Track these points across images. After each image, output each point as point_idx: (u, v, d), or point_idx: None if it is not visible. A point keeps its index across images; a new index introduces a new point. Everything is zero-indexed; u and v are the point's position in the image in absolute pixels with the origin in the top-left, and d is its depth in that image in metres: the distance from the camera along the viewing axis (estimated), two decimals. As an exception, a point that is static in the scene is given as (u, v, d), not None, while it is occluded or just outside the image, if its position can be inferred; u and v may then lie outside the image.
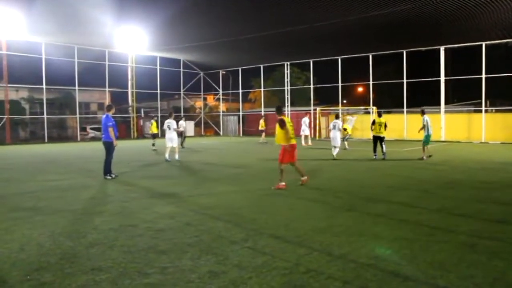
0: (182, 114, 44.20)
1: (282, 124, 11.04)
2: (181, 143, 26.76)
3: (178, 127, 23.76)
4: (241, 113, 47.33)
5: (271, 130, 44.30)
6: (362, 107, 40.32)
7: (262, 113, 44.62)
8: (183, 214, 8.23)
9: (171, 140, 18.90)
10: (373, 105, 35.78)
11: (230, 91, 51.58)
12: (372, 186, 11.42)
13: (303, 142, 28.51)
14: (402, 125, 34.78)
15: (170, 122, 19.24)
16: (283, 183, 11.12)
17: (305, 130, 29.24)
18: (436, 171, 14.71)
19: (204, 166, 16.80)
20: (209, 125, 50.02)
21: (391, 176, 13.37)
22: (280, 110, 11.34)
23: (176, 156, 18.88)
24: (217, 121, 49.76)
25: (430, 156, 18.71)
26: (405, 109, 35.03)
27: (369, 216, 7.95)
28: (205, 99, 53.45)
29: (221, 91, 49.25)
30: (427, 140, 18.58)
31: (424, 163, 17.21)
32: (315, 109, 40.24)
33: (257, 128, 32.62)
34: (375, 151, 18.40)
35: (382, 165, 16.30)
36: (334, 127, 19.29)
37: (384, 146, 18.45)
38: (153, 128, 26.71)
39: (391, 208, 8.67)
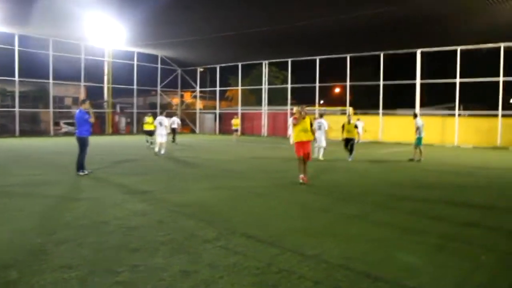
0: (177, 111, 43.92)
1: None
2: (173, 139, 27.88)
3: (170, 124, 25.25)
4: (218, 111, 47.21)
5: (249, 128, 44.42)
6: (338, 108, 40.64)
7: (239, 111, 44.61)
8: (156, 212, 8.16)
9: (162, 136, 20.07)
10: (350, 106, 36.10)
11: (207, 89, 51.37)
12: (349, 187, 11.58)
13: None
14: (378, 127, 35.19)
15: (162, 119, 20.48)
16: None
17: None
18: (409, 173, 14.94)
19: (181, 163, 16.86)
20: (185, 122, 49.69)
21: (366, 178, 13.55)
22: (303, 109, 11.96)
23: (162, 151, 20.01)
24: (194, 119, 49.53)
25: (412, 159, 18.96)
26: (380, 111, 35.46)
27: (344, 217, 8.02)
28: (182, 96, 53.12)
29: (198, 88, 49.04)
30: (419, 142, 19.06)
31: (401, 165, 17.47)
32: (291, 109, 40.36)
33: (230, 128, 32.66)
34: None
35: (359, 167, 16.47)
36: (319, 127, 19.42)
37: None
38: (148, 124, 25.41)
39: (365, 209, 8.77)
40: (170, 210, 8.37)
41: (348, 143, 18.70)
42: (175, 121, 28.73)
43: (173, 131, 28.22)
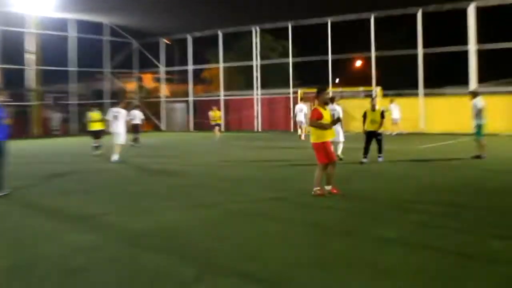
0: (135, 100, 43.85)
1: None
2: (134, 140, 28.35)
3: (130, 120, 25.46)
4: (191, 99, 47.28)
5: (236, 122, 44.49)
6: (361, 89, 40.82)
7: (221, 98, 44.64)
8: (108, 245, 8.08)
9: (118, 135, 20.44)
10: (377, 85, 36.24)
11: (175, 68, 51.44)
12: (380, 199, 11.59)
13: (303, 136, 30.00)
14: (418, 113, 35.34)
15: (118, 112, 20.74)
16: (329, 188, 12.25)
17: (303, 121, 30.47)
18: (464, 176, 15.00)
19: (143, 173, 17.00)
20: (147, 116, 49.67)
21: (404, 185, 13.62)
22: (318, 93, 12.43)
23: (116, 157, 20.20)
24: (158, 111, 49.55)
25: (478, 156, 18.96)
26: (421, 91, 35.61)
27: (373, 242, 7.98)
28: (140, 79, 53.15)
29: (163, 68, 49.05)
30: (479, 130, 19.24)
31: (452, 164, 17.55)
32: (295, 92, 40.52)
33: (208, 122, 32.71)
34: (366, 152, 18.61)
35: (393, 170, 16.71)
36: (333, 115, 19.66)
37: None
38: (93, 122, 24.72)
39: (403, 230, 8.76)
40: (128, 241, 8.31)
41: (372, 139, 18.52)
42: (137, 115, 29.11)
43: (135, 129, 28.57)
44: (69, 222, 9.87)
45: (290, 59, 41.68)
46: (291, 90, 41.21)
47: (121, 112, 20.87)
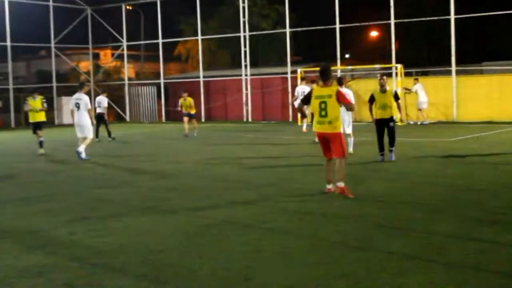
0: (89, 83, 43.79)
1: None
2: (108, 134, 29.82)
3: (95, 108, 27.08)
4: (162, 82, 47.17)
5: (220, 110, 44.43)
6: (377, 66, 40.86)
7: (201, 79, 44.57)
8: (61, 267, 8.09)
9: (83, 127, 20.88)
10: (398, 62, 36.28)
11: (141, 42, 51.33)
12: (401, 204, 11.71)
13: (304, 127, 29.78)
14: (449, 96, 35.31)
15: (81, 98, 20.97)
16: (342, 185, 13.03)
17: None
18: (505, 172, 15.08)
19: (103, 177, 17.07)
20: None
21: (436, 186, 13.75)
22: (326, 73, 13.50)
23: (82, 154, 20.74)
24: (120, 97, 49.45)
25: None
26: (453, 68, 35.65)
27: (392, 260, 8.03)
28: (96, 56, 53.01)
29: (125, 43, 48.88)
30: None
31: (492, 161, 17.59)
32: (294, 72, 40.50)
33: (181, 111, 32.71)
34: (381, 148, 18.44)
35: (418, 167, 16.80)
36: None
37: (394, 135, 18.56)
38: (34, 112, 24.57)
39: (429, 244, 8.83)
40: (85, 262, 8.32)
41: (383, 129, 18.22)
42: (102, 102, 29.92)
43: (101, 119, 29.48)
44: (8, 238, 9.88)
45: (288, 29, 41.62)
46: (289, 68, 41.15)
47: (83, 98, 21.01)
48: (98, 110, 29.47)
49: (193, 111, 31.21)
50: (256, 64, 45.44)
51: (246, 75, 42.96)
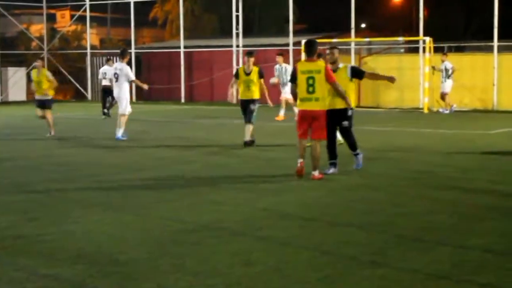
0: (42, 53, 43.78)
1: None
2: (107, 108, 31.89)
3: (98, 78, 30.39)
4: (133, 51, 47.05)
5: (204, 90, 44.34)
6: (401, 39, 40.88)
7: (182, 50, 44.49)
8: (3, 279, 8.09)
9: (120, 101, 22.80)
10: (427, 35, 36.24)
11: (108, 1, 51.17)
12: (427, 210, 11.72)
13: (281, 112, 30.11)
14: (490, 79, 35.22)
15: (121, 68, 22.61)
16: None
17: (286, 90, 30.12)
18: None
19: (58, 168, 17.19)
20: (62, 77, 49.51)
21: (467, 191, 13.83)
22: (312, 48, 14.80)
23: (119, 132, 22.34)
24: (81, 70, 49.39)
25: None
26: (495, 43, 35.59)
27: (416, 278, 8.05)
28: (52, 18, 52.85)
29: (88, 2, 48.74)
30: None
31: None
32: (297, 43, 40.43)
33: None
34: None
35: (447, 165, 16.87)
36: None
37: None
38: (41, 83, 24.39)
39: (467, 257, 8.86)
40: (31, 272, 8.30)
41: (336, 124, 16.30)
42: (108, 72, 31.38)
43: (107, 92, 31.42)
44: None
45: (290, -9, 41.66)
46: (291, 39, 41.12)
47: (124, 69, 22.36)
48: (104, 83, 31.20)
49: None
50: (251, 32, 45.39)
51: (237, 46, 42.86)
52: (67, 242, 9.70)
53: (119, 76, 22.55)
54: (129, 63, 41.77)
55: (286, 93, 29.09)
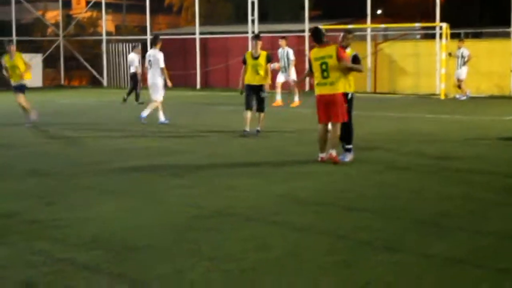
0: (59, 40, 43.79)
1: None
2: (136, 97, 32.22)
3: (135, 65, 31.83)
4: (149, 38, 46.98)
5: (220, 76, 44.36)
6: (417, 25, 40.76)
7: (197, 36, 44.46)
8: (20, 262, 8.16)
9: (153, 88, 23.35)
10: (443, 21, 36.12)
11: (124, -12, 51.19)
12: (444, 196, 11.75)
13: (278, 97, 30.03)
14: (508, 65, 35.08)
15: (154, 55, 23.16)
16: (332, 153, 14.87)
17: (280, 74, 30.00)
18: None
19: (70, 156, 17.23)
20: (78, 64, 49.66)
21: (486, 176, 13.86)
22: (318, 35, 15.33)
23: (161, 117, 23.20)
24: (96, 56, 49.44)
25: None
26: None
27: (432, 263, 8.04)
28: (67, 5, 52.92)
29: (103, -12, 48.79)
30: None
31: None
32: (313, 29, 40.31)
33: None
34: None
35: (467, 154, 16.80)
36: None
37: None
38: (15, 68, 23.53)
39: (483, 243, 8.86)
40: (47, 256, 8.32)
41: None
42: (134, 60, 32.90)
43: (132, 79, 32.71)
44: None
45: (307, -23, 41.55)
46: (306, 25, 41.03)
47: (157, 55, 22.81)
48: (131, 70, 32.09)
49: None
50: (266, 19, 45.30)
51: (253, 32, 42.78)
52: (82, 228, 9.75)
53: (153, 62, 22.91)
54: (143, 50, 42.00)
55: (283, 78, 29.28)
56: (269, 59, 20.31)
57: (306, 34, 40.35)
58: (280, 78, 29.83)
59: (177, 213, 10.71)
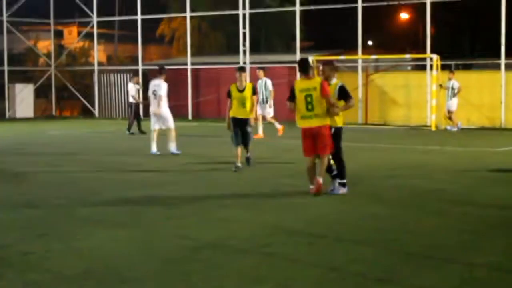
0: (50, 69, 43.76)
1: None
2: (138, 127, 32.44)
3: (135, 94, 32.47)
4: (141, 68, 47.06)
5: (211, 106, 44.40)
6: (408, 56, 40.94)
7: (189, 66, 44.58)
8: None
9: (163, 118, 23.53)
10: (434, 52, 36.27)
11: (116, 18, 51.32)
12: (436, 229, 11.79)
13: (259, 131, 29.74)
14: (498, 96, 35.16)
15: (159, 85, 23.66)
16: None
17: (259, 106, 29.54)
18: None
19: (63, 186, 17.23)
20: (70, 94, 49.67)
21: (477, 208, 13.83)
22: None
23: (172, 147, 23.38)
24: (88, 87, 49.46)
25: None
26: (503, 61, 35.56)
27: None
28: (59, 35, 52.98)
29: (95, 18, 48.87)
30: None
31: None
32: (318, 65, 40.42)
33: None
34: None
35: (457, 186, 16.86)
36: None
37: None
38: None
39: (476, 275, 8.89)
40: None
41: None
42: (130, 90, 33.11)
43: (133, 108, 32.76)
44: None
45: (298, 7, 41.62)
46: (297, 56, 41.08)
47: (162, 86, 23.41)
48: (130, 100, 32.49)
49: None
50: (258, 50, 45.38)
51: (244, 63, 42.88)
52: (75, 259, 9.76)
53: (157, 92, 23.24)
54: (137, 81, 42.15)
55: (263, 111, 29.28)
56: (255, 91, 20.15)
57: (315, 67, 40.44)
58: (260, 110, 29.56)
59: (170, 244, 10.72)
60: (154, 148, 23.21)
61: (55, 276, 8.92)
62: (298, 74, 37.75)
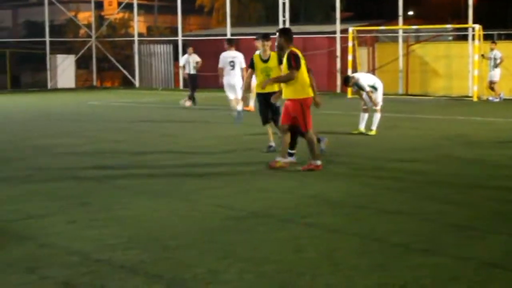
0: (91, 40, 44.00)
1: (295, 61, 14.93)
2: (190, 98, 32.57)
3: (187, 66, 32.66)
4: (180, 39, 47.07)
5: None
6: (449, 26, 40.57)
7: (228, 36, 44.50)
8: (57, 263, 8.19)
9: (237, 88, 23.76)
10: (476, 22, 35.94)
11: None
12: (480, 200, 11.70)
13: (251, 103, 28.96)
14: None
15: (236, 56, 24.39)
16: (319, 162, 14.40)
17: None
18: None
19: (104, 154, 17.49)
20: (110, 65, 49.80)
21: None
22: (287, 35, 15.47)
23: (239, 107, 23.35)
24: (128, 57, 49.54)
25: None
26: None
27: (468, 266, 8.03)
28: (99, 6, 53.05)
29: (136, -10, 48.89)
30: None
31: None
32: (344, 31, 40.26)
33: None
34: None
35: (500, 157, 16.71)
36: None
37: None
38: None
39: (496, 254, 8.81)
40: (84, 257, 8.39)
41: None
42: (189, 60, 33.40)
43: (193, 81, 33.20)
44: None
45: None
46: (337, 27, 40.95)
47: (238, 56, 24.10)
48: (186, 71, 32.94)
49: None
50: (297, 20, 45.17)
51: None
52: (118, 228, 9.85)
53: (235, 63, 23.88)
54: (175, 51, 42.15)
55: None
56: (281, 61, 16.64)
57: (338, 35, 40.30)
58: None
59: (211, 214, 10.77)
60: (239, 107, 23.44)
61: (99, 244, 8.99)
62: (338, 45, 37.86)
